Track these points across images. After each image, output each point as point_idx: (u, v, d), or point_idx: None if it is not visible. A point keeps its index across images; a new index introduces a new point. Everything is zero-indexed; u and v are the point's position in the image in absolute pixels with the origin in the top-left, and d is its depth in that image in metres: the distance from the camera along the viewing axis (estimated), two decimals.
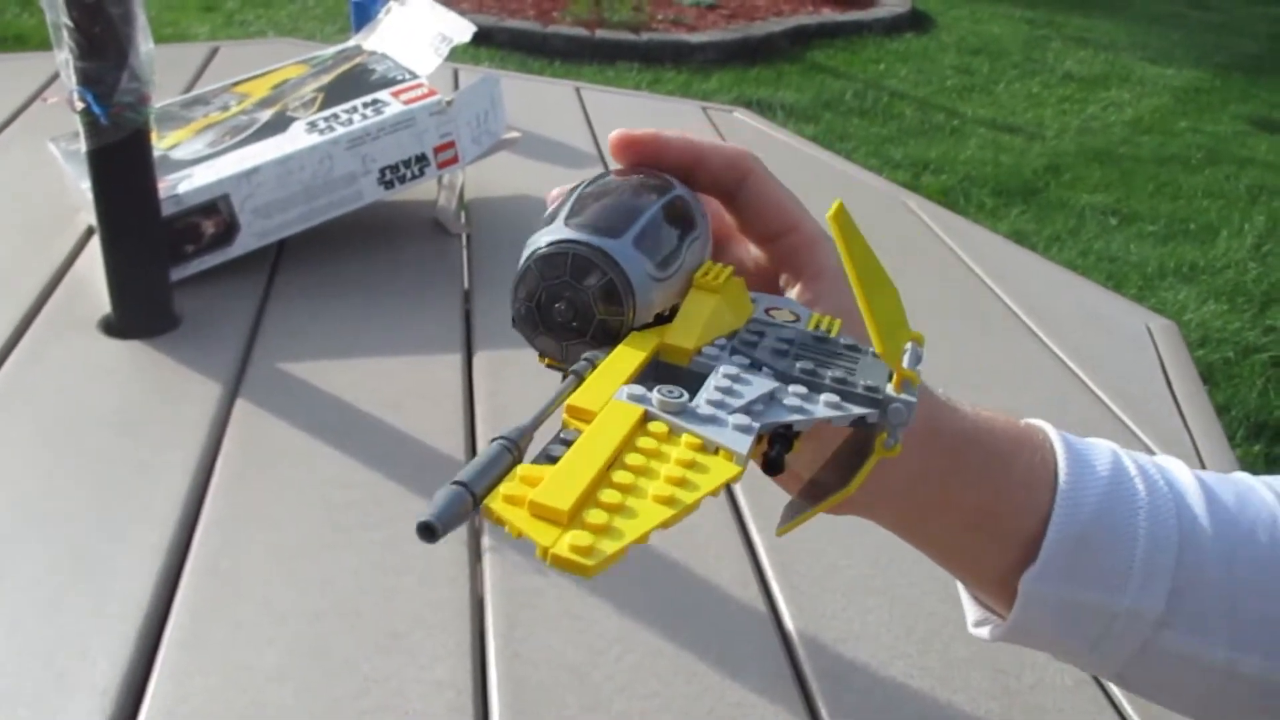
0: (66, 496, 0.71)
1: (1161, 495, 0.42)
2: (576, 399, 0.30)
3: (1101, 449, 0.44)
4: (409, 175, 1.01)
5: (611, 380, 0.32)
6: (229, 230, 0.95)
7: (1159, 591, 0.41)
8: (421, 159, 1.00)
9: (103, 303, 0.91)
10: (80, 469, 0.74)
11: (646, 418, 0.30)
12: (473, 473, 0.27)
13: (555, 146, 1.32)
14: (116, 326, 0.89)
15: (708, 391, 0.32)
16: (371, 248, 1.05)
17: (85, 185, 0.94)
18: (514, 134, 1.10)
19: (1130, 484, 0.42)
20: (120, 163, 0.83)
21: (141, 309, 0.89)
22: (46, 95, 1.35)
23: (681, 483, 0.28)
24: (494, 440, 0.28)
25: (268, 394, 0.83)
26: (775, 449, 0.32)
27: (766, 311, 0.38)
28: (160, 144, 1.00)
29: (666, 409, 0.30)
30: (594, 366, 0.32)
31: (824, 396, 0.33)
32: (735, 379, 0.33)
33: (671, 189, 0.39)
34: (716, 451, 0.30)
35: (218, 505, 0.71)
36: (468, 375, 0.87)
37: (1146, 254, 2.77)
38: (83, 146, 0.83)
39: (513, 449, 0.28)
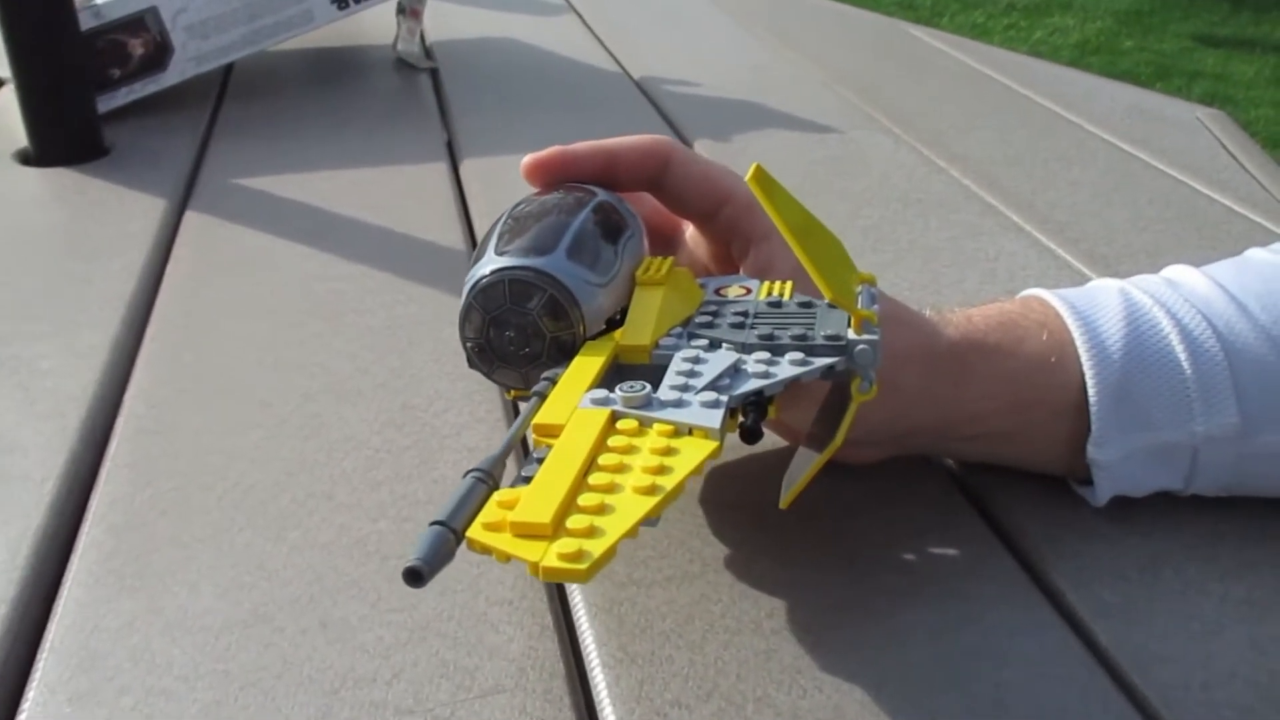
0: None
1: (1186, 313, 0.39)
2: (542, 417, 0.30)
3: (1107, 292, 0.41)
4: None
5: (573, 392, 0.31)
6: (160, 52, 0.81)
7: (1227, 405, 0.38)
8: None
9: (16, 138, 0.77)
10: None
11: (614, 417, 0.30)
12: (449, 510, 0.26)
13: None
14: (35, 155, 0.75)
15: (669, 378, 0.31)
16: (330, 83, 0.92)
17: None
18: None
19: (1148, 315, 0.39)
20: None
21: (63, 135, 0.75)
22: None
23: (659, 470, 0.28)
24: (467, 474, 0.28)
25: (224, 205, 0.70)
26: (750, 417, 0.31)
27: (717, 292, 0.37)
28: None
29: (631, 404, 0.30)
30: (554, 383, 0.32)
31: (788, 357, 0.32)
32: (695, 360, 0.32)
33: (594, 197, 0.38)
34: (690, 432, 0.29)
35: (173, 304, 0.58)
36: (456, 180, 0.75)
37: None
38: None
39: (486, 479, 0.28)
